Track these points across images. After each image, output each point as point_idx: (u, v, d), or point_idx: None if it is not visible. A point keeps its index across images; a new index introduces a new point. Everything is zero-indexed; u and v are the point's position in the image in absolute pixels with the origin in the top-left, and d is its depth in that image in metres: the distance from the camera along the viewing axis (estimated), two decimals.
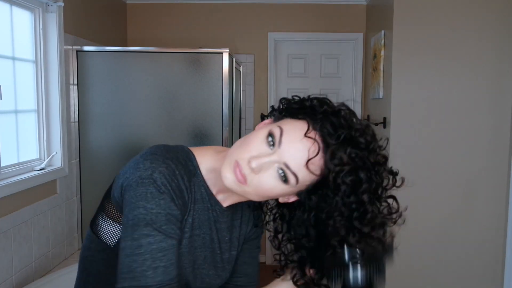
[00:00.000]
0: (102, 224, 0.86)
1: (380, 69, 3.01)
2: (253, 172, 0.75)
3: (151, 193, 0.75)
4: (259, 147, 0.76)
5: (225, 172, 0.77)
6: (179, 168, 0.80)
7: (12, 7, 2.16)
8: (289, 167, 0.73)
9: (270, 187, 0.75)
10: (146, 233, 0.73)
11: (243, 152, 0.77)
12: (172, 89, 2.67)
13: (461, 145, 2.80)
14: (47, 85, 2.37)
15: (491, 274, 2.85)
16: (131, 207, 0.75)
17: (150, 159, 0.77)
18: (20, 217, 2.05)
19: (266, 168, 0.75)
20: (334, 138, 0.73)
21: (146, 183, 0.75)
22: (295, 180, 0.74)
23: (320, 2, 3.64)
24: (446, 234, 2.85)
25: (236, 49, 3.68)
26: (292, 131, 0.75)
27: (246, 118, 3.75)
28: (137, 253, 0.73)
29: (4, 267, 1.94)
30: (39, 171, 2.23)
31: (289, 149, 0.74)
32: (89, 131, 2.67)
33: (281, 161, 0.74)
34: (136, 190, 0.75)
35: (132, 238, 0.74)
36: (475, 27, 2.74)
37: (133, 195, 0.75)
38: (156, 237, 0.74)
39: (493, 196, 2.81)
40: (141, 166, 0.77)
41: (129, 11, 3.70)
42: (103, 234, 0.85)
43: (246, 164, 0.75)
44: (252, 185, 0.76)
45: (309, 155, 0.72)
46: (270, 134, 0.76)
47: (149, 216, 0.74)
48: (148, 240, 0.73)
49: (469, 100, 2.78)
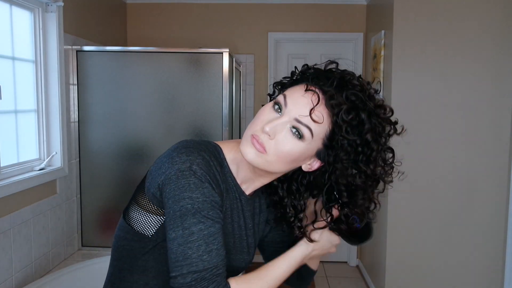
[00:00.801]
0: (136, 216, 0.90)
1: (380, 69, 3.01)
2: (269, 137, 0.80)
3: (194, 183, 0.79)
4: (269, 116, 0.82)
5: (244, 148, 0.82)
6: (212, 159, 0.85)
7: (12, 7, 2.15)
8: (300, 122, 0.79)
9: (289, 147, 0.80)
10: (196, 221, 0.79)
11: (255, 125, 0.83)
12: (172, 89, 2.67)
13: (461, 144, 2.80)
14: (47, 85, 2.36)
15: (491, 274, 2.85)
16: (175, 199, 0.79)
17: (185, 152, 0.82)
18: (20, 217, 2.05)
19: (280, 130, 0.80)
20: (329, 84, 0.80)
21: (186, 175, 0.79)
22: (310, 133, 0.79)
23: (320, 2, 3.64)
24: (446, 233, 2.85)
25: (236, 49, 3.68)
26: (294, 92, 0.82)
27: (246, 118, 3.75)
28: (191, 240, 0.78)
29: (4, 267, 1.94)
30: (39, 171, 2.23)
31: (295, 105, 0.80)
32: (89, 131, 2.67)
33: (292, 119, 0.80)
34: (178, 183, 0.79)
35: (183, 227, 0.78)
36: (475, 27, 2.74)
37: (175, 187, 0.80)
38: (206, 223, 0.79)
39: (493, 196, 2.81)
40: (177, 159, 0.81)
41: (129, 11, 3.70)
42: (139, 225, 0.90)
43: (261, 132, 0.81)
44: (271, 151, 0.81)
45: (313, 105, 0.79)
46: (276, 103, 0.83)
47: (196, 205, 0.79)
48: (199, 227, 0.79)
49: (469, 100, 2.78)
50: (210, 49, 2.68)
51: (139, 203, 0.90)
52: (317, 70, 0.85)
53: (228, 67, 2.63)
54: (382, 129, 0.81)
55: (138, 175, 2.72)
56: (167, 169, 0.81)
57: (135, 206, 0.91)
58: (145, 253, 0.89)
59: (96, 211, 2.73)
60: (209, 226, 0.79)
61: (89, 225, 2.73)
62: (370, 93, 0.81)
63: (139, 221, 0.90)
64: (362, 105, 0.78)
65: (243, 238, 0.97)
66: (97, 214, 2.74)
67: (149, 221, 0.88)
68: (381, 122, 0.81)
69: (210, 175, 0.82)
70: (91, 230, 2.73)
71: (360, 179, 0.82)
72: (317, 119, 0.78)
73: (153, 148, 2.71)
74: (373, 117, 0.79)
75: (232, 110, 2.89)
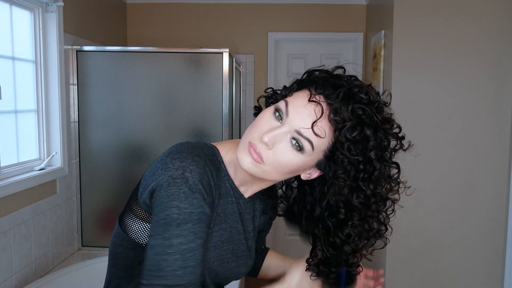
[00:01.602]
0: (131, 224, 0.88)
1: (380, 69, 3.01)
2: (267, 147, 0.76)
3: (184, 193, 0.75)
4: (269, 123, 0.78)
5: (241, 156, 0.79)
6: (208, 164, 0.81)
7: (12, 7, 2.15)
8: (301, 134, 0.75)
9: (287, 159, 0.76)
10: (178, 233, 0.75)
11: (253, 132, 0.79)
12: (172, 89, 2.67)
13: (461, 144, 2.80)
14: (47, 85, 2.36)
15: (491, 274, 2.85)
16: (163, 206, 0.76)
17: (179, 158, 0.78)
18: (20, 217, 2.05)
19: (280, 140, 0.76)
20: (334, 96, 0.74)
21: (178, 182, 0.75)
22: (310, 146, 0.75)
23: (320, 2, 3.64)
24: (446, 233, 2.85)
25: (236, 49, 3.68)
26: (296, 99, 0.77)
27: (246, 118, 3.75)
28: (168, 252, 0.74)
29: (4, 267, 1.94)
30: (39, 171, 2.23)
31: (296, 115, 0.75)
32: (89, 131, 2.67)
33: (292, 130, 0.75)
34: (168, 190, 0.75)
35: (163, 237, 0.75)
36: (475, 27, 2.74)
37: (164, 194, 0.76)
38: (187, 237, 0.75)
39: (493, 196, 2.81)
40: (170, 166, 0.77)
41: (129, 11, 3.70)
42: (133, 234, 0.88)
43: (259, 141, 0.76)
44: (269, 161, 0.77)
45: (316, 117, 0.74)
46: (277, 109, 0.78)
47: (182, 216, 0.75)
48: (179, 240, 0.75)
49: (469, 100, 2.78)
50: (210, 49, 2.68)
51: (132, 210, 0.88)
52: (324, 77, 0.79)
53: (228, 67, 2.63)
54: (388, 144, 0.77)
55: (138, 175, 2.72)
56: (159, 175, 0.78)
57: (129, 213, 0.89)
58: (140, 262, 0.83)
59: (96, 211, 2.73)
60: (190, 241, 0.76)
61: (89, 225, 2.73)
62: (379, 105, 0.76)
63: (133, 229, 0.87)
64: (369, 120, 0.73)
65: (242, 242, 0.94)
66: (97, 214, 2.74)
67: (142, 229, 0.86)
68: (387, 137, 0.77)
69: (204, 183, 0.78)
70: (91, 230, 2.73)
71: (358, 199, 0.77)
72: (319, 133, 0.74)
73: (153, 148, 2.71)
74: (379, 132, 0.75)
75: (232, 110, 2.89)
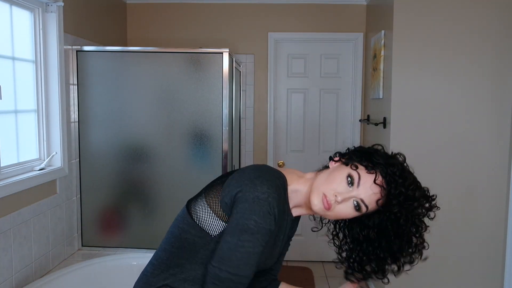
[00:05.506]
0: (204, 215, 1.09)
1: (380, 69, 3.01)
2: (337, 202, 1.04)
3: (263, 212, 1.00)
4: (341, 185, 1.06)
5: (314, 200, 1.06)
6: (282, 195, 1.07)
7: (12, 7, 2.16)
8: (363, 202, 1.04)
9: (346, 213, 1.06)
10: (250, 239, 1.00)
11: (327, 186, 1.07)
12: (172, 89, 2.67)
13: (461, 145, 2.80)
14: (47, 85, 2.37)
15: (491, 274, 2.85)
16: (245, 216, 1.00)
17: (267, 185, 1.02)
18: (20, 217, 2.05)
19: (346, 200, 1.05)
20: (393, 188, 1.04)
21: (262, 203, 1.00)
22: (366, 209, 1.05)
23: (320, 2, 3.65)
24: (446, 234, 2.85)
25: (236, 49, 3.69)
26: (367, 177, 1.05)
27: (246, 118, 3.75)
28: (239, 250, 1.00)
29: (4, 267, 1.94)
30: (39, 171, 2.23)
31: (365, 190, 1.04)
32: (89, 131, 2.68)
33: (358, 198, 1.04)
34: (252, 206, 1.00)
35: (239, 239, 1.00)
36: (475, 27, 2.74)
37: (248, 207, 1.00)
38: (255, 244, 1.01)
39: (493, 196, 2.81)
40: (258, 188, 1.02)
41: (129, 11, 3.70)
42: (205, 224, 1.08)
43: (332, 196, 1.05)
44: (334, 211, 1.06)
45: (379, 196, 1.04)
46: (349, 175, 1.06)
47: (256, 228, 1.00)
48: (249, 244, 1.00)
49: (469, 100, 2.78)
50: (210, 49, 2.68)
51: (210, 205, 1.08)
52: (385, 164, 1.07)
53: (228, 67, 2.63)
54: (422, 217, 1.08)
55: (138, 175, 2.73)
56: (246, 191, 1.01)
57: (206, 206, 1.09)
58: (206, 249, 1.07)
59: (96, 211, 2.73)
60: (255, 247, 1.01)
61: (89, 225, 2.73)
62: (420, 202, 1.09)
63: (206, 220, 1.08)
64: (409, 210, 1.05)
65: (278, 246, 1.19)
66: (97, 214, 2.74)
67: (215, 223, 1.07)
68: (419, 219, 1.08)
69: (279, 209, 1.04)
70: (91, 230, 2.73)
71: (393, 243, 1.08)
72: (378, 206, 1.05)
73: (153, 148, 2.71)
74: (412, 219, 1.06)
75: (232, 110, 2.89)
